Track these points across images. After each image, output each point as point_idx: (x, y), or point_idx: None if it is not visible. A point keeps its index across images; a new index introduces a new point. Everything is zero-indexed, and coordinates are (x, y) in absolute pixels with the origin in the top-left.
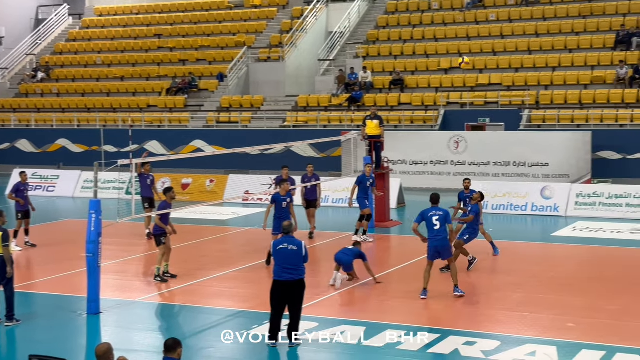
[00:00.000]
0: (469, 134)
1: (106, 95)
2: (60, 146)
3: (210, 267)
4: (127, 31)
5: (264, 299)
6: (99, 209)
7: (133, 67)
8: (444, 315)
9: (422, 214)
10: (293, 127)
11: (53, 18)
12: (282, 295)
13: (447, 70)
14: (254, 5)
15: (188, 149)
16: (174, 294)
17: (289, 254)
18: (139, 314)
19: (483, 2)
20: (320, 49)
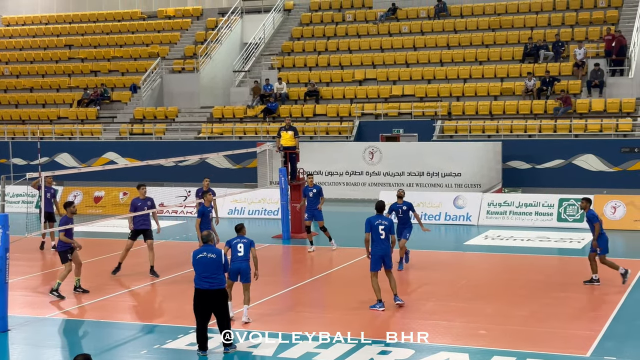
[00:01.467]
0: (384, 144)
1: (14, 106)
2: None
3: (124, 281)
4: (36, 41)
5: (178, 312)
6: (6, 223)
7: (43, 77)
8: (358, 325)
9: (369, 222)
10: (208, 138)
11: None
12: (204, 304)
13: (361, 82)
14: (168, 16)
15: (100, 162)
16: (85, 310)
17: (208, 262)
18: (48, 330)
19: (396, 15)
20: (235, 60)
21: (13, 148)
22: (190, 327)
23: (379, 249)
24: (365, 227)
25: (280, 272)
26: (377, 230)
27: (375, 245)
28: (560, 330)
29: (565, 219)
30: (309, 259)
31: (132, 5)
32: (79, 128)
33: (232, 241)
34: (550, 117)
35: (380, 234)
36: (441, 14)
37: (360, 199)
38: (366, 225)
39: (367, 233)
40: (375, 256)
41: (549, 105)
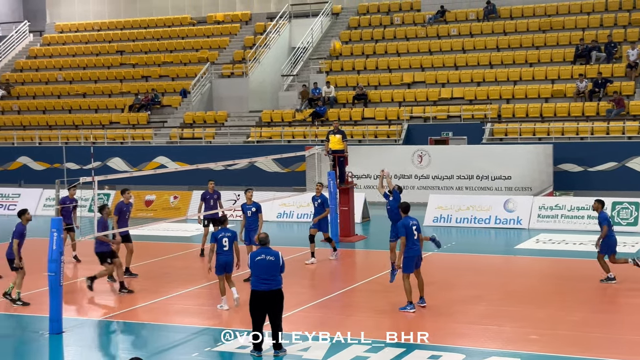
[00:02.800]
0: (432, 148)
1: (68, 112)
2: (21, 164)
3: (175, 284)
4: (88, 47)
5: (229, 315)
6: (60, 227)
7: (95, 83)
8: (408, 329)
9: (405, 225)
10: (257, 142)
11: (13, 35)
12: (261, 305)
13: (409, 85)
14: (217, 21)
15: (151, 166)
16: (137, 312)
17: (266, 264)
18: (102, 333)
19: (445, 17)
20: (283, 65)
21: (67, 153)
22: (241, 330)
23: (413, 251)
24: (400, 231)
25: (329, 275)
26: (412, 232)
27: (410, 247)
28: (613, 335)
29: (619, 222)
30: (357, 262)
31: (182, 11)
32: (130, 133)
33: (218, 235)
34: (603, 119)
35: (413, 234)
36: (490, 15)
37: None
38: (401, 229)
39: (403, 237)
40: (410, 258)
41: (601, 107)
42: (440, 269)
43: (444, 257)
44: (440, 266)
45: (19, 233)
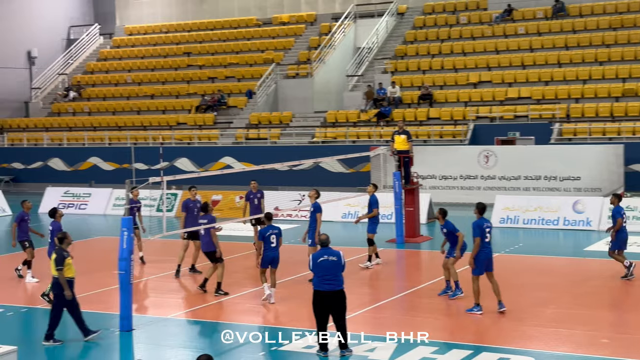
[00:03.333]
0: (499, 148)
1: (136, 113)
2: (92, 164)
3: (241, 284)
4: (156, 50)
5: (294, 315)
6: (130, 226)
7: (163, 85)
8: (476, 331)
9: (479, 226)
10: (322, 142)
11: (84, 38)
12: (324, 305)
13: (476, 85)
14: (282, 22)
15: (217, 166)
16: (205, 311)
17: (329, 265)
18: (171, 330)
19: (512, 16)
20: (348, 65)
21: (135, 153)
22: (306, 330)
23: (484, 253)
24: (474, 232)
25: (394, 276)
26: (485, 234)
27: (481, 248)
28: None
29: None
30: (423, 263)
31: (248, 12)
32: (197, 133)
33: (265, 232)
34: None
35: (486, 237)
36: (559, 14)
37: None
38: (476, 229)
39: (477, 237)
40: (481, 260)
41: None
42: (508, 270)
43: (512, 259)
44: (507, 268)
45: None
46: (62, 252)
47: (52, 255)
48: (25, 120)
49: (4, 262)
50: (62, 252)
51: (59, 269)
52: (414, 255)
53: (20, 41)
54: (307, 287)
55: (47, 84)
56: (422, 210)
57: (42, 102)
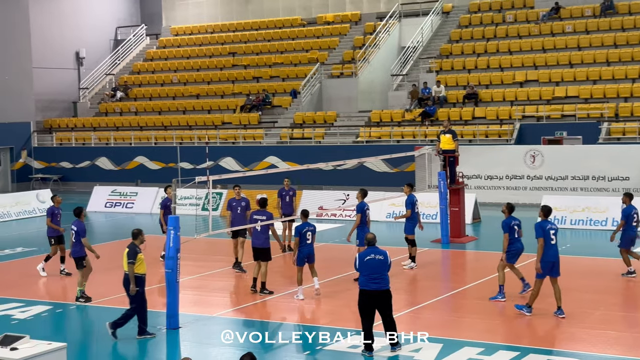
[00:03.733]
0: (546, 147)
1: (182, 113)
2: (138, 163)
3: (287, 283)
4: (202, 50)
5: (340, 314)
6: (177, 225)
7: (208, 85)
8: (522, 332)
9: (542, 227)
10: (366, 142)
11: (131, 38)
12: (371, 304)
13: (522, 84)
14: (327, 21)
15: (262, 165)
16: (251, 310)
17: (376, 264)
18: (217, 329)
19: (559, 14)
20: (392, 64)
21: (181, 152)
22: (350, 330)
23: (550, 255)
24: (536, 232)
25: (440, 276)
26: (549, 235)
27: (547, 251)
28: None
29: None
30: (468, 263)
31: (293, 12)
32: (242, 133)
33: (302, 229)
34: None
35: (551, 239)
36: (608, 11)
37: (522, 203)
38: (538, 230)
39: (540, 238)
40: (545, 263)
41: None
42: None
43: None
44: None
45: (83, 231)
46: (135, 247)
47: (125, 250)
48: (73, 120)
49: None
50: (134, 247)
51: (130, 263)
52: (459, 255)
53: (69, 42)
54: (351, 286)
55: (95, 84)
56: (468, 210)
57: (90, 102)
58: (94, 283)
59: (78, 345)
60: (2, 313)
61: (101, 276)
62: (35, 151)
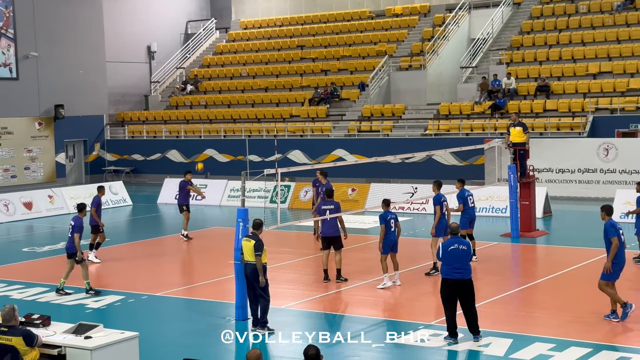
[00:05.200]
0: (620, 140)
1: (251, 106)
2: (208, 156)
3: (354, 276)
4: (270, 43)
5: (407, 308)
6: (246, 217)
7: (277, 78)
8: (595, 329)
9: (614, 226)
10: (434, 135)
11: (201, 32)
12: (453, 294)
13: (595, 75)
14: (395, 14)
15: (330, 158)
16: (319, 302)
17: (459, 254)
18: (284, 320)
19: (634, 4)
20: (462, 56)
21: (249, 145)
22: (419, 323)
23: (623, 257)
24: (610, 232)
25: (510, 271)
26: (620, 236)
27: (620, 252)
28: None
29: None
30: (539, 258)
31: (361, 5)
32: (309, 126)
33: (386, 217)
34: None
35: (622, 240)
36: None
37: (594, 197)
38: (611, 230)
39: (614, 237)
40: (620, 264)
41: None
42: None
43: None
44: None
45: (79, 227)
46: (259, 238)
47: (249, 242)
48: (145, 113)
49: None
50: (260, 239)
51: (258, 255)
52: (530, 250)
53: (141, 36)
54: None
55: (166, 77)
56: (538, 204)
57: (161, 95)
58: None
59: (151, 334)
60: (76, 302)
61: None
62: (108, 144)
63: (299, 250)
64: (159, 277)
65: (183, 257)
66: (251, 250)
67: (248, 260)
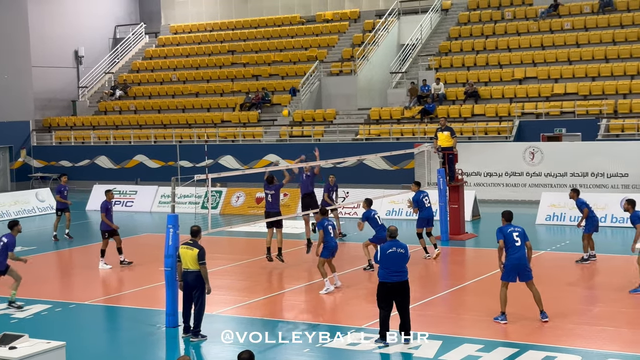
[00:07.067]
0: (545, 144)
1: (181, 111)
2: (138, 162)
3: (286, 281)
4: (201, 48)
5: (339, 312)
6: (176, 223)
7: (207, 83)
8: (522, 329)
9: (502, 231)
10: (365, 140)
11: (130, 37)
12: (390, 296)
13: (521, 81)
14: (326, 19)
15: (262, 163)
16: (252, 307)
17: (398, 256)
18: (216, 327)
19: (558, 11)
20: (392, 62)
21: (180, 151)
22: (351, 327)
23: (513, 259)
24: (497, 236)
25: (439, 274)
26: (511, 238)
27: (510, 253)
28: None
29: None
30: (468, 260)
31: (292, 11)
32: (241, 131)
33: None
34: None
35: (515, 241)
36: (606, 8)
37: (521, 200)
38: (498, 233)
39: (500, 240)
40: (508, 266)
41: None
42: (555, 268)
43: (558, 257)
44: (554, 265)
45: (12, 245)
46: (201, 246)
47: (191, 250)
48: (72, 119)
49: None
50: (202, 246)
51: (202, 263)
52: (459, 252)
53: (68, 41)
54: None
55: (94, 82)
56: (467, 207)
57: (89, 100)
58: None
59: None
60: (1, 312)
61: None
62: (35, 150)
63: (231, 256)
64: (88, 285)
65: (113, 264)
66: (193, 259)
67: (188, 268)
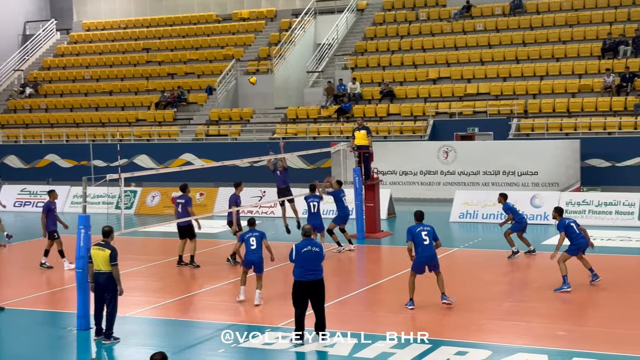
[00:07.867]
0: (458, 143)
1: (95, 110)
2: (49, 161)
3: (202, 281)
4: (115, 45)
5: (254, 312)
6: (88, 224)
7: (121, 81)
8: (435, 325)
9: (410, 231)
10: (282, 139)
11: (41, 33)
12: (305, 295)
13: (435, 81)
14: (242, 18)
15: (177, 163)
16: (165, 308)
17: (312, 255)
18: (129, 329)
19: (470, 13)
20: (308, 61)
21: (93, 150)
22: (265, 327)
23: (422, 257)
24: (407, 236)
25: (355, 272)
26: (420, 237)
27: (418, 251)
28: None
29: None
30: (383, 258)
31: (208, 9)
32: (156, 130)
33: (245, 235)
34: (631, 114)
35: (424, 240)
36: (517, 10)
37: (436, 198)
38: (407, 234)
39: (409, 242)
40: (417, 262)
41: (629, 102)
42: (467, 264)
43: (471, 253)
44: (466, 262)
45: None
46: (113, 247)
47: (102, 251)
48: None
49: None
50: (114, 247)
51: (114, 265)
52: (374, 250)
53: None
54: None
55: (3, 80)
56: (383, 205)
57: None
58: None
59: None
60: None
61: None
62: None
63: (145, 257)
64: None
65: (20, 267)
66: (105, 260)
67: (100, 269)
